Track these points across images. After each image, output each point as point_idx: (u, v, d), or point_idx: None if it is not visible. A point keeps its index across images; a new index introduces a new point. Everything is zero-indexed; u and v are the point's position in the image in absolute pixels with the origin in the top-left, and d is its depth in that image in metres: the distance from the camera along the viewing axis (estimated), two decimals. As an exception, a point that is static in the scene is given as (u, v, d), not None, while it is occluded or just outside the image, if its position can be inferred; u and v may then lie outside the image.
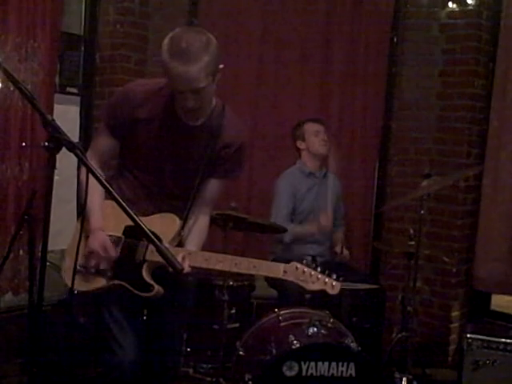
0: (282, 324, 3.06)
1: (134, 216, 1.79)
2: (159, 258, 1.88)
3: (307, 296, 3.53)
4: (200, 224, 2.45)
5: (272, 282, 3.79)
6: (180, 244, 2.37)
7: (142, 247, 2.32)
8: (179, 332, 2.61)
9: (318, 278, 2.23)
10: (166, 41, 2.16)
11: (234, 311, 3.21)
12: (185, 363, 3.18)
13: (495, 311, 4.44)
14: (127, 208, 1.77)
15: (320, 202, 3.87)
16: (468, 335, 3.53)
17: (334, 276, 2.26)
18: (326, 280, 2.24)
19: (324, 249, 3.96)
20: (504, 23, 4.19)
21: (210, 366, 3.22)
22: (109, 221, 2.33)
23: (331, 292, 2.25)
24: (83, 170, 1.88)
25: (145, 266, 2.31)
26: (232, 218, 3.13)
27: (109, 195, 1.81)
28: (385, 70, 4.45)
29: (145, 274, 2.31)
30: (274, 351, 2.90)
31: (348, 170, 4.43)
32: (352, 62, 4.43)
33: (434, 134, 4.39)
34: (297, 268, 2.23)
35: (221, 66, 2.23)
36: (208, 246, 2.77)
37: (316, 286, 2.24)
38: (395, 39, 4.46)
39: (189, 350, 3.19)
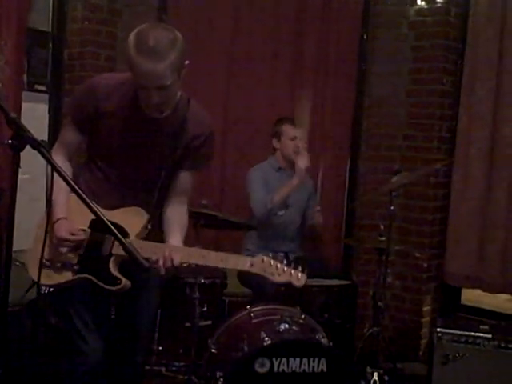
0: (254, 321, 3.06)
1: (98, 212, 1.78)
2: (123, 252, 1.90)
3: (281, 289, 3.55)
4: (178, 215, 2.45)
5: (244, 279, 3.80)
6: (148, 238, 2.36)
7: (108, 241, 2.31)
8: (148, 330, 2.59)
9: (283, 271, 2.26)
10: (132, 37, 2.15)
11: (205, 309, 3.20)
12: (157, 362, 3.16)
13: (465, 305, 4.49)
14: (91, 204, 1.78)
15: (291, 198, 3.88)
16: (438, 329, 3.56)
17: (300, 268, 2.28)
18: (292, 272, 2.26)
19: (296, 245, 3.97)
20: (472, 21, 4.24)
21: (182, 364, 3.20)
22: (74, 215, 2.31)
23: (297, 284, 2.27)
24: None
25: (111, 260, 2.30)
26: (203, 216, 3.12)
27: (73, 192, 1.80)
28: (355, 68, 4.48)
29: (111, 268, 2.30)
30: (245, 348, 2.89)
31: (319, 167, 4.44)
32: (322, 59, 4.44)
33: (405, 130, 4.43)
34: (263, 261, 2.25)
35: (186, 62, 2.23)
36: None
37: (282, 278, 2.26)
38: (365, 36, 4.49)
39: (161, 348, 3.17)
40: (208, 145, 2.43)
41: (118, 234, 1.83)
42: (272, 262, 2.25)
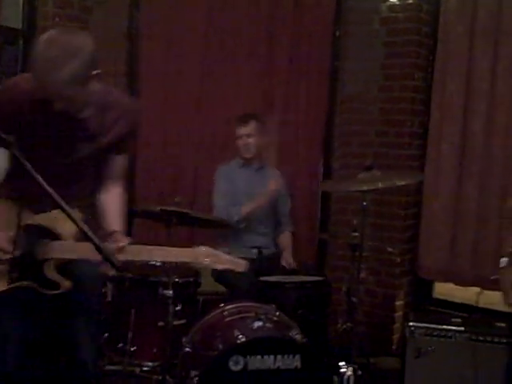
0: (228, 319, 3.07)
1: (76, 219, 1.77)
2: (61, 255, 2.00)
3: (255, 289, 3.56)
4: (115, 200, 2.46)
5: (219, 277, 3.81)
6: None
7: (42, 245, 2.28)
8: (93, 339, 2.54)
9: (225, 259, 2.41)
10: (36, 45, 2.11)
11: (179, 308, 3.19)
12: (130, 362, 3.15)
13: (438, 299, 4.55)
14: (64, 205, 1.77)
15: (256, 191, 3.93)
16: (410, 323, 3.60)
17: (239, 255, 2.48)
18: (233, 259, 2.43)
19: (269, 240, 3.99)
20: (443, 17, 4.28)
21: (156, 363, 3.20)
22: (1, 220, 2.28)
23: (238, 269, 2.45)
24: None
25: (48, 264, 2.28)
26: (175, 214, 3.11)
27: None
28: (328, 64, 4.50)
29: (48, 272, 2.29)
30: (219, 346, 2.90)
31: (293, 164, 4.47)
32: (295, 56, 4.46)
33: (377, 126, 4.46)
34: (204, 251, 2.38)
35: (95, 72, 2.18)
36: (152, 242, 2.76)
37: (223, 266, 2.42)
38: (337, 33, 4.51)
39: (134, 348, 3.16)
40: (133, 126, 2.45)
41: (91, 235, 1.82)
42: (212, 251, 2.39)
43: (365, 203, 3.60)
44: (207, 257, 2.39)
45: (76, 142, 2.34)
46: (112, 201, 2.46)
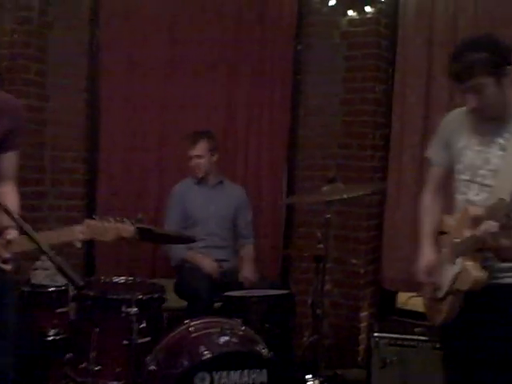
0: (193, 335, 3.04)
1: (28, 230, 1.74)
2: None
3: (216, 305, 3.56)
4: (9, 198, 2.41)
5: (181, 291, 3.79)
6: None
7: None
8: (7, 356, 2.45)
9: (112, 228, 2.32)
10: None
11: (144, 325, 3.15)
12: (94, 381, 3.10)
13: (401, 309, 4.58)
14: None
15: (212, 209, 3.95)
16: (375, 334, 3.63)
17: (125, 219, 2.38)
18: (120, 226, 2.34)
19: (228, 252, 4.00)
20: (401, 30, 4.35)
21: (120, 383, 3.15)
22: None
23: (127, 235, 2.36)
24: None
25: None
26: (138, 230, 3.08)
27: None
28: (290, 78, 4.53)
29: None
30: (185, 363, 2.88)
31: (257, 177, 4.48)
32: (258, 70, 4.48)
33: (339, 138, 4.50)
34: (90, 225, 2.29)
35: None
36: (114, 259, 2.75)
37: (111, 236, 2.32)
38: (299, 47, 4.54)
39: (98, 368, 3.11)
40: (16, 123, 2.44)
41: (47, 249, 1.78)
42: (98, 223, 2.30)
43: (328, 215, 3.63)
44: (93, 230, 2.28)
45: None
46: (5, 199, 2.34)
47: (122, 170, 4.37)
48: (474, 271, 2.24)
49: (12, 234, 2.24)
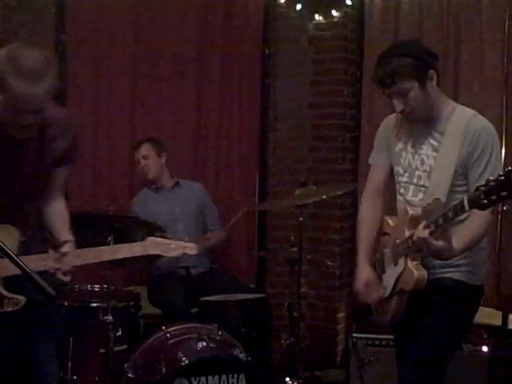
0: (171, 341, 3.02)
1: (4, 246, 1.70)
2: (8, 272, 2.00)
3: (193, 310, 3.53)
4: (60, 211, 2.48)
5: (154, 300, 3.76)
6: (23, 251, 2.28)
7: None
8: (54, 354, 2.50)
9: (176, 245, 2.49)
10: (5, 58, 2.08)
11: (120, 333, 3.12)
12: (71, 392, 3.06)
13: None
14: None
15: (177, 212, 3.95)
16: (353, 334, 3.64)
17: (187, 239, 2.58)
18: (183, 244, 2.50)
19: (197, 259, 3.95)
20: (367, 34, 4.41)
21: (98, 391, 3.11)
22: None
23: (190, 252, 2.52)
24: None
25: None
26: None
27: None
28: (258, 82, 4.55)
29: (2, 290, 2.24)
30: (163, 370, 2.86)
31: (228, 182, 4.47)
32: (226, 75, 4.47)
33: (310, 142, 4.53)
34: (153, 242, 2.44)
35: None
36: (88, 267, 2.70)
37: (176, 252, 2.49)
38: (267, 51, 4.57)
39: (75, 377, 3.06)
40: (75, 140, 2.46)
41: (21, 263, 1.75)
42: (161, 240, 2.46)
43: (301, 218, 3.65)
44: (156, 246, 2.43)
45: (24, 161, 2.31)
46: (58, 212, 2.47)
47: (90, 174, 4.28)
48: (415, 271, 2.28)
49: (67, 247, 2.33)
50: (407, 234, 2.31)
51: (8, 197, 2.33)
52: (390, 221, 2.54)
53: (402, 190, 2.48)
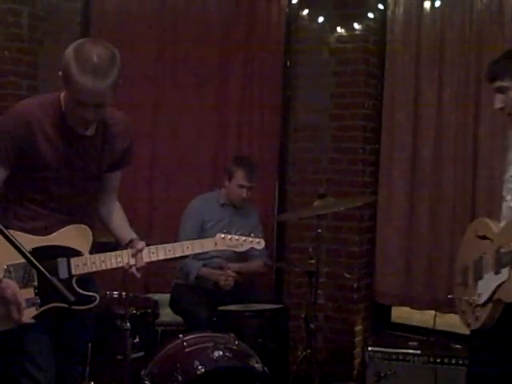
0: (187, 350, 3.02)
1: (25, 251, 1.73)
2: (85, 270, 2.19)
3: (214, 319, 3.52)
4: (118, 211, 2.56)
5: (176, 308, 3.76)
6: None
7: (62, 264, 2.29)
8: (80, 361, 2.57)
9: (244, 241, 2.61)
10: (72, 54, 2.14)
11: (137, 340, 3.14)
12: (88, 397, 3.08)
13: (396, 323, 4.59)
14: (19, 246, 1.72)
15: (233, 232, 3.89)
16: (369, 348, 3.63)
17: (253, 235, 2.67)
18: (251, 239, 2.62)
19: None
20: (389, 47, 4.41)
21: (114, 398, 3.13)
22: (8, 248, 2.23)
23: (258, 247, 2.66)
24: None
25: (74, 281, 2.30)
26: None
27: (4, 238, 1.72)
28: (279, 94, 4.56)
29: (77, 288, 2.31)
30: (179, 378, 2.85)
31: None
32: (247, 86, 4.51)
33: (330, 154, 4.52)
34: (223, 238, 2.57)
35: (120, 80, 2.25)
36: (108, 274, 2.73)
37: (245, 247, 2.62)
38: (288, 63, 4.58)
39: (92, 383, 3.09)
40: (132, 143, 2.52)
41: (42, 268, 1.77)
42: (230, 236, 2.59)
43: (319, 230, 3.64)
44: (227, 241, 2.57)
45: (86, 161, 2.36)
46: (118, 213, 2.56)
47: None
48: None
49: (141, 244, 2.41)
50: None
51: (75, 192, 2.37)
52: (492, 226, 2.52)
53: (509, 197, 2.50)
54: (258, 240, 2.64)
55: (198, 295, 3.71)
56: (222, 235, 2.57)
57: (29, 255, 1.73)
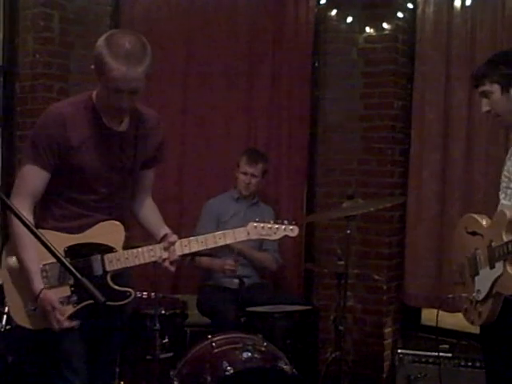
0: (216, 350, 3.03)
1: (56, 252, 1.74)
2: (119, 266, 2.21)
3: (242, 319, 3.53)
4: (152, 209, 2.60)
5: (204, 309, 3.78)
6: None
7: (96, 261, 2.32)
8: (113, 360, 2.62)
9: (277, 228, 2.48)
10: (104, 42, 2.18)
11: (166, 340, 3.16)
12: (118, 397, 3.11)
13: (426, 325, 4.53)
14: (52, 247, 1.73)
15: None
16: (399, 351, 3.60)
17: (286, 221, 2.52)
18: (284, 227, 2.49)
19: (250, 270, 3.96)
20: (419, 47, 4.37)
21: (144, 398, 3.15)
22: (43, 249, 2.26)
23: (292, 234, 2.52)
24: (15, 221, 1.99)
25: (109, 277, 2.33)
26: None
27: (36, 238, 1.74)
28: (308, 94, 4.55)
29: (112, 284, 2.34)
30: (208, 379, 2.86)
31: (277, 193, 4.48)
32: (276, 87, 4.50)
33: (359, 154, 4.50)
34: (255, 227, 2.45)
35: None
36: (138, 275, 2.75)
37: (278, 235, 2.49)
38: (316, 64, 4.57)
39: (122, 383, 3.11)
40: (164, 141, 2.56)
41: (74, 270, 1.79)
42: (263, 224, 2.46)
43: (349, 231, 3.62)
44: (259, 230, 2.45)
45: (121, 159, 2.39)
46: (152, 210, 2.60)
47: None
48: None
49: (174, 237, 2.43)
50: (505, 238, 2.31)
51: (111, 190, 2.40)
52: (481, 221, 2.53)
53: (502, 195, 2.52)
54: (291, 227, 2.51)
55: (224, 296, 3.72)
56: (255, 224, 2.46)
57: (60, 256, 1.75)
